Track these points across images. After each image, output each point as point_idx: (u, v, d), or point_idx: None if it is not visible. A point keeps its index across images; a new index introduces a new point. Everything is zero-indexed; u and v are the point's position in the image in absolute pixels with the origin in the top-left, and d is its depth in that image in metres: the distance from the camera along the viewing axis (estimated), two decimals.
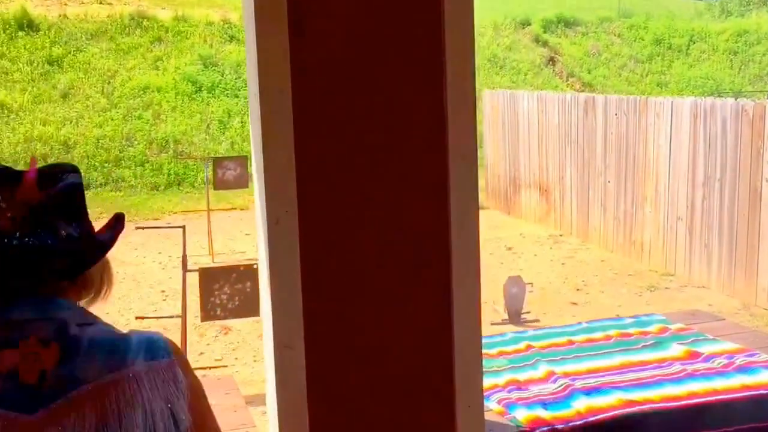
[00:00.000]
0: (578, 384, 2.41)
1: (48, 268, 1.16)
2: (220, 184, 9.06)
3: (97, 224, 1.29)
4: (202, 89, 14.48)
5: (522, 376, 2.51)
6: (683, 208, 8.10)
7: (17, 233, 1.13)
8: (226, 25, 16.23)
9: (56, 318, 1.13)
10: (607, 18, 19.64)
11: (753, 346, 2.67)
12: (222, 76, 14.86)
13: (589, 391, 2.36)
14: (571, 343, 2.79)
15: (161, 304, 7.81)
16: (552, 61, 18.04)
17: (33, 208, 1.15)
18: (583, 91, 16.87)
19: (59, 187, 1.18)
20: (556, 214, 10.27)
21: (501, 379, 2.49)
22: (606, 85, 17.47)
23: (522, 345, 2.77)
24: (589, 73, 18.01)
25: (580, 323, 3.04)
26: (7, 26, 15.13)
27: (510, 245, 9.65)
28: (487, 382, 2.48)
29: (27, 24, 15.29)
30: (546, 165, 10.40)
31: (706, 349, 2.66)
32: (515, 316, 7.11)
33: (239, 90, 14.64)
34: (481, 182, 13.47)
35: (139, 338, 1.20)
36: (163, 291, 8.12)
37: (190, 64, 15.00)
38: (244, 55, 15.17)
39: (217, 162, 9.15)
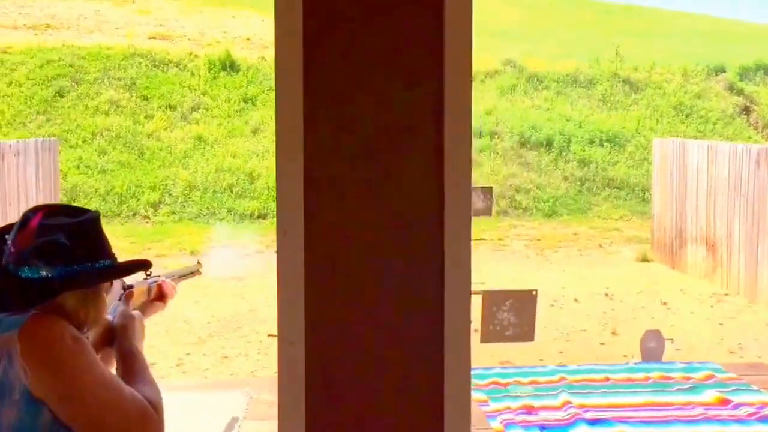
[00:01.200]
0: (588, 415, 2.38)
1: (16, 294, 1.50)
2: None
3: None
4: None
5: (539, 402, 2.51)
6: None
7: (11, 264, 1.52)
8: None
9: None
10: None
11: None
12: None
13: (594, 422, 2.32)
14: (607, 379, 2.74)
15: None
16: (747, 110, 17.00)
17: (24, 251, 1.50)
18: None
19: (42, 241, 1.51)
20: (722, 271, 9.67)
21: (516, 403, 2.51)
22: None
23: (556, 377, 2.76)
24: None
25: (627, 363, 2.96)
26: (212, 66, 16.63)
27: (666, 300, 9.19)
28: (503, 404, 2.51)
29: (229, 65, 16.72)
30: (714, 219, 9.84)
31: (740, 398, 2.52)
32: None
33: None
34: (646, 234, 12.95)
35: (7, 320, 1.49)
36: None
37: None
38: None
39: None
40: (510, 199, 14.10)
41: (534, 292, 6.14)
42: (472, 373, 2.82)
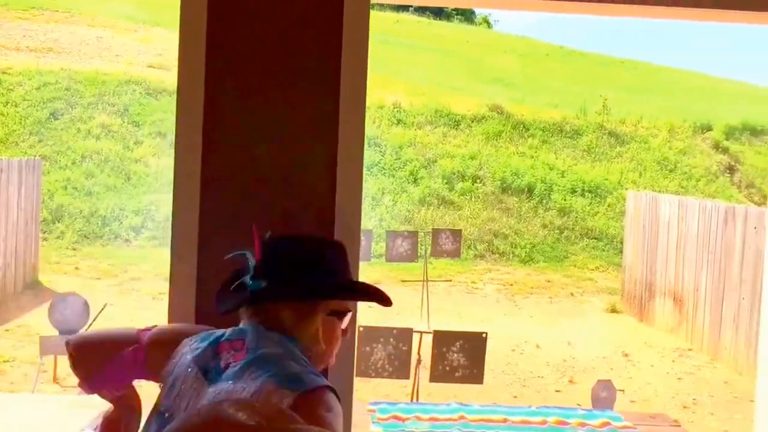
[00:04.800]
0: None
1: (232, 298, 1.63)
2: None
3: None
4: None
5: None
6: None
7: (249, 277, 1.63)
8: (396, 109, 17.09)
9: (264, 341, 1.54)
10: None
11: None
12: (382, 155, 15.62)
13: None
14: (504, 421, 2.84)
15: None
16: (731, 169, 17.23)
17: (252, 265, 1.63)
18: (762, 203, 15.94)
19: (265, 254, 1.65)
20: (687, 326, 9.77)
21: None
22: None
23: (456, 415, 2.86)
24: None
25: (530, 406, 3.06)
26: None
27: (628, 352, 9.28)
28: None
29: None
30: (682, 274, 9.98)
31: None
32: None
33: (396, 170, 15.31)
34: (617, 285, 13.05)
35: (289, 371, 1.48)
36: None
37: None
38: (408, 137, 15.71)
39: None
40: (488, 243, 14.23)
41: (484, 335, 6.24)
42: (377, 407, 2.94)
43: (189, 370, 1.52)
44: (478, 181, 15.48)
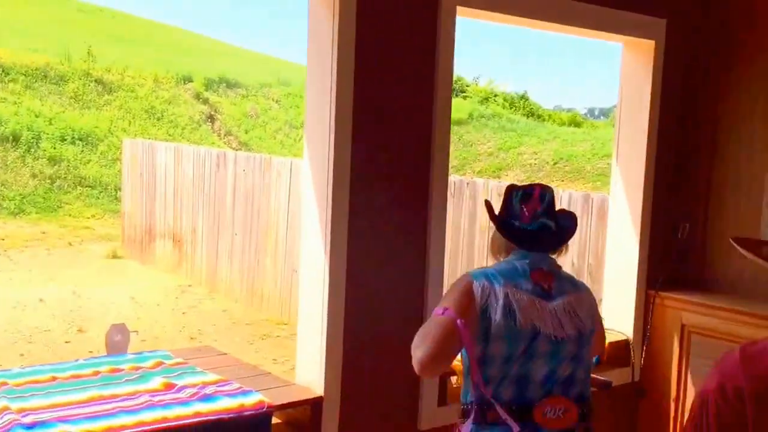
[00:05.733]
0: (27, 419, 2.39)
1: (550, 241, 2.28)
2: None
3: None
4: None
5: None
6: (298, 261, 8.63)
7: (525, 222, 2.27)
8: None
9: (551, 264, 2.25)
10: (266, 83, 20.55)
11: (236, 377, 2.85)
12: None
13: (32, 425, 2.35)
14: (54, 379, 2.76)
15: None
16: (211, 118, 18.40)
17: (537, 212, 2.28)
18: (239, 149, 17.38)
19: (547, 204, 2.29)
20: (187, 264, 10.40)
21: None
22: (261, 146, 18.18)
23: None
24: (246, 133, 18.64)
25: (77, 360, 3.07)
26: None
27: (134, 295, 9.54)
28: None
29: None
30: (180, 216, 10.53)
31: (185, 381, 2.74)
32: None
33: None
34: (116, 231, 13.10)
35: (574, 279, 2.33)
36: None
37: None
38: None
39: None
40: None
41: None
42: None
43: (528, 300, 2.13)
44: None
